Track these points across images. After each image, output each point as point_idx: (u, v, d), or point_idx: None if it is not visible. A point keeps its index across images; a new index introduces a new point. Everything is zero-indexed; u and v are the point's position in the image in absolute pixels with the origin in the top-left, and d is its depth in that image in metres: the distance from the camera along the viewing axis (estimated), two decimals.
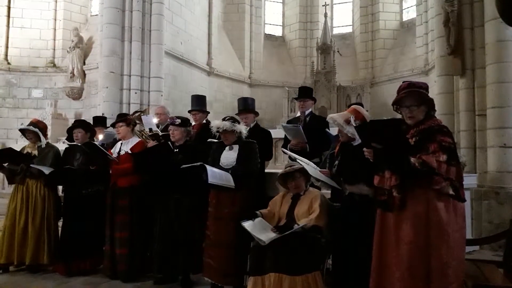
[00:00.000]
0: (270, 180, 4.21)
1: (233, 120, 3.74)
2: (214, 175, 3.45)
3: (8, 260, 4.28)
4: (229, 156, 3.70)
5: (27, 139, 4.58)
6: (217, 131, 3.71)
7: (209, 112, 4.93)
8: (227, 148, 3.75)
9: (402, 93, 2.54)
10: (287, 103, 12.46)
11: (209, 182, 3.40)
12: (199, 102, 4.88)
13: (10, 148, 4.50)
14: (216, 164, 3.67)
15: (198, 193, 3.77)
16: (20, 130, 4.58)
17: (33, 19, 11.93)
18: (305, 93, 4.55)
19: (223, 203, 3.62)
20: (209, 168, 3.43)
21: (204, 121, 4.81)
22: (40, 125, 4.57)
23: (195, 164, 3.47)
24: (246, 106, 4.42)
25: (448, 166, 2.31)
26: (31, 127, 4.49)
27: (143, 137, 4.38)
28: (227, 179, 3.53)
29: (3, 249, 4.26)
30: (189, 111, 4.93)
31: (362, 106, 5.42)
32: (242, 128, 3.72)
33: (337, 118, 3.06)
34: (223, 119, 3.74)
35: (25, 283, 4.00)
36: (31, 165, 4.30)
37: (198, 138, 4.41)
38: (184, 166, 3.55)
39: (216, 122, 3.73)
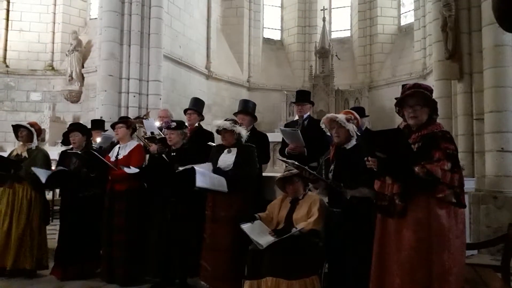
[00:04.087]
0: (268, 184, 4.20)
1: (234, 122, 3.76)
2: (204, 179, 3.42)
3: None
4: (226, 159, 3.69)
5: (19, 137, 4.54)
6: (217, 130, 3.74)
7: (203, 117, 4.92)
8: (225, 151, 3.74)
9: (408, 92, 2.52)
10: (285, 107, 12.48)
11: (196, 186, 3.37)
12: (196, 103, 4.87)
13: None
14: (214, 166, 3.66)
15: (193, 197, 3.74)
16: (15, 126, 4.55)
17: (32, 22, 11.94)
18: (303, 96, 4.55)
19: (220, 206, 3.60)
20: (198, 172, 3.40)
21: (197, 124, 4.79)
22: (35, 127, 4.59)
23: (187, 167, 3.46)
24: (245, 108, 4.40)
25: (452, 174, 2.29)
26: (28, 126, 4.51)
27: (145, 141, 4.36)
28: (219, 183, 3.51)
29: None
30: (184, 111, 4.91)
31: (364, 110, 5.44)
32: (242, 131, 3.72)
33: (339, 115, 3.10)
34: (225, 120, 3.78)
35: (21, 287, 3.97)
36: (32, 168, 4.21)
37: (190, 141, 4.39)
38: (177, 170, 3.54)
39: (217, 122, 3.77)
